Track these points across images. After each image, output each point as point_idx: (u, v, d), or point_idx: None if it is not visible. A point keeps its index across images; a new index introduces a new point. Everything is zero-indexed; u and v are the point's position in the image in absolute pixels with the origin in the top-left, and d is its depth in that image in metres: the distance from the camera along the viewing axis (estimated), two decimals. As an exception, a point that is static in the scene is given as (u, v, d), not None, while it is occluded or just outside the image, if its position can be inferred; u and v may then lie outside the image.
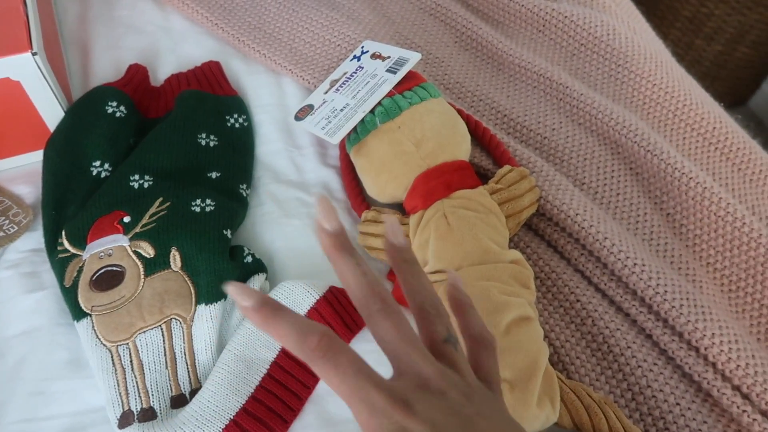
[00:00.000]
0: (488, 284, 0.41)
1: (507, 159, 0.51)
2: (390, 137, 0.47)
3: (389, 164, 0.47)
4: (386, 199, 0.49)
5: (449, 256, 0.43)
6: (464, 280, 0.41)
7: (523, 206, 0.46)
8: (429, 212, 0.45)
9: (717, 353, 0.43)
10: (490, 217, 0.44)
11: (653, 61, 0.60)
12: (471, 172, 0.47)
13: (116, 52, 0.62)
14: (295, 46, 0.61)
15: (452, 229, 0.43)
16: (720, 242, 0.50)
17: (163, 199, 0.47)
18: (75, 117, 0.51)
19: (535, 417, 0.38)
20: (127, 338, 0.42)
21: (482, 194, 0.46)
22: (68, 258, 0.45)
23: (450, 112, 0.49)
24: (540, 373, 0.38)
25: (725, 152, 0.57)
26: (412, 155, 0.46)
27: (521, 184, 0.47)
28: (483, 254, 0.43)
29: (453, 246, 0.43)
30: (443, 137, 0.47)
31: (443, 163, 0.46)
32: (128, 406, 0.40)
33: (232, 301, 0.45)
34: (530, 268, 0.44)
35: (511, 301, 0.41)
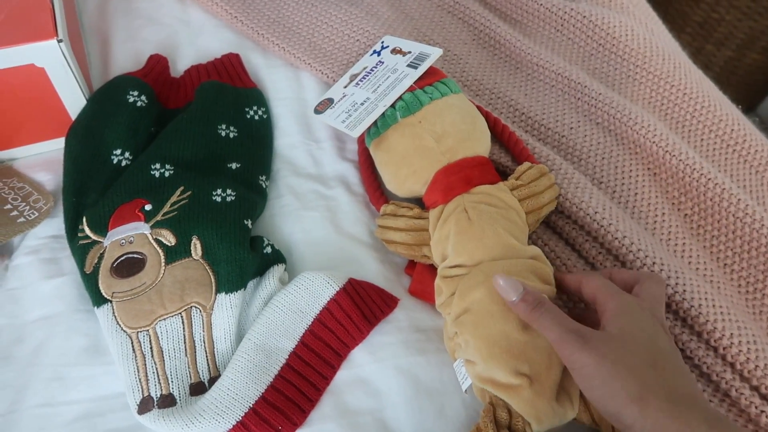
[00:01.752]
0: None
1: (526, 156, 0.51)
2: (410, 131, 0.47)
3: (409, 158, 0.47)
4: (405, 194, 0.49)
5: (470, 250, 0.43)
6: (486, 273, 0.41)
7: (543, 203, 0.46)
8: (449, 207, 0.45)
9: (736, 353, 0.43)
10: (510, 213, 0.44)
11: (671, 62, 0.60)
12: (491, 167, 0.47)
13: (135, 43, 0.62)
14: (314, 41, 0.61)
15: (473, 224, 0.43)
16: (738, 243, 0.50)
17: (184, 188, 0.47)
18: (96, 105, 0.51)
19: (554, 411, 0.38)
20: (147, 325, 0.42)
21: (502, 190, 0.46)
22: (89, 245, 0.45)
23: (470, 108, 0.49)
24: (558, 368, 0.38)
25: (743, 154, 0.57)
26: (432, 150, 0.46)
27: (541, 181, 0.47)
28: (503, 249, 0.43)
29: (474, 240, 0.43)
30: (463, 132, 0.47)
31: (463, 159, 0.46)
32: (148, 392, 0.40)
33: (251, 291, 0.45)
34: (550, 265, 0.44)
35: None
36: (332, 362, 0.43)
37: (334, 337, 0.43)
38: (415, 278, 0.47)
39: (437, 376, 0.43)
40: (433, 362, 0.44)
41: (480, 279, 0.41)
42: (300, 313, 0.44)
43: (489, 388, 0.39)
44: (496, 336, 0.39)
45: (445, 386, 0.43)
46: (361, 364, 0.43)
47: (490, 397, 0.39)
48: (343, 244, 0.50)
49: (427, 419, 0.41)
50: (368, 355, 0.44)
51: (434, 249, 0.45)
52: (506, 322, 0.39)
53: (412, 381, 0.43)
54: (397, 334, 0.45)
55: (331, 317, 0.43)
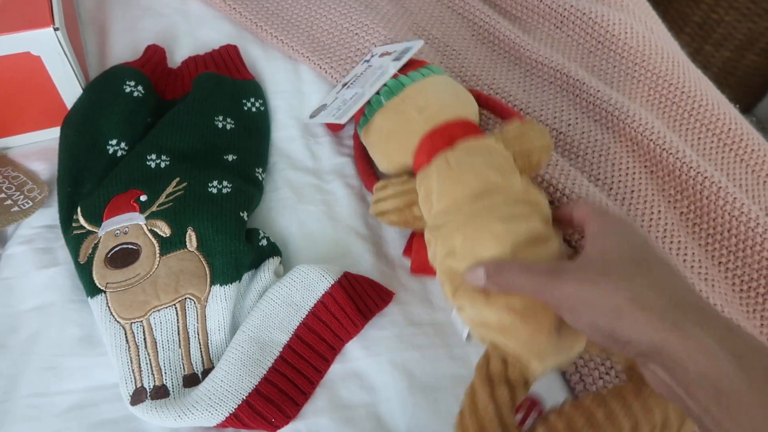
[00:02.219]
0: (488, 211, 0.39)
1: (516, 116, 0.50)
2: (394, 110, 0.47)
3: (395, 133, 0.47)
4: (396, 169, 0.48)
5: (451, 192, 0.41)
6: (466, 215, 0.39)
7: (533, 146, 0.44)
8: (432, 164, 0.44)
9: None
10: (494, 155, 0.42)
11: (670, 61, 0.60)
12: (475, 127, 0.46)
13: (133, 34, 0.62)
14: (313, 34, 0.61)
15: (452, 168, 0.42)
16: (733, 242, 0.51)
17: (180, 179, 0.47)
18: (93, 95, 0.51)
19: (557, 346, 0.34)
20: (141, 316, 0.42)
21: (486, 141, 0.44)
22: (83, 234, 0.45)
23: (453, 83, 0.49)
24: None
25: (740, 153, 0.57)
26: (415, 121, 0.46)
27: (529, 128, 0.44)
28: (485, 184, 0.40)
29: (454, 182, 0.41)
30: (445, 99, 0.47)
31: (445, 121, 0.45)
32: (141, 383, 0.40)
33: (246, 283, 0.45)
34: (545, 199, 0.41)
35: (510, 227, 0.37)
36: (326, 355, 0.42)
37: (328, 330, 0.43)
38: (414, 257, 0.47)
39: (431, 371, 0.43)
40: (427, 357, 0.44)
41: (460, 222, 0.39)
42: (295, 306, 0.44)
43: (484, 332, 0.36)
44: None
45: (439, 381, 0.43)
46: (356, 358, 0.43)
47: (488, 345, 0.36)
48: (339, 237, 0.50)
49: (420, 414, 0.41)
50: (363, 349, 0.44)
51: (423, 206, 0.44)
52: None
53: (407, 375, 0.43)
54: (392, 328, 0.45)
55: (326, 310, 0.43)
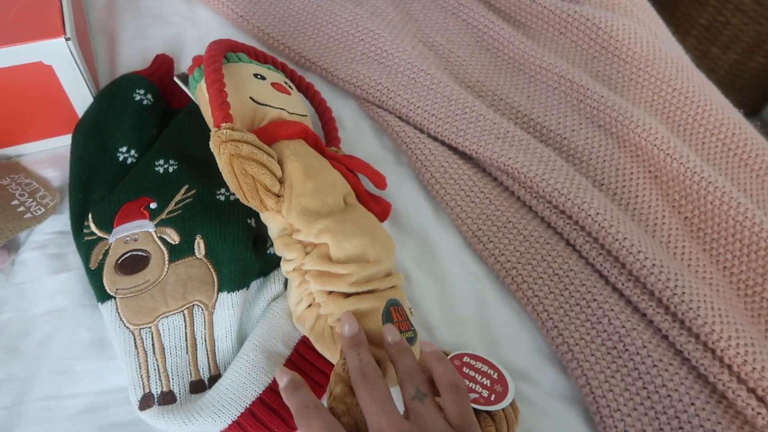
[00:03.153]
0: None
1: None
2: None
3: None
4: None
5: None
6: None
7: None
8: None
9: (733, 355, 0.43)
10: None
11: (674, 66, 0.60)
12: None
13: (142, 41, 0.63)
14: (319, 40, 0.62)
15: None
16: (737, 247, 0.51)
17: (188, 186, 0.47)
18: (103, 103, 0.52)
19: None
20: (149, 322, 0.43)
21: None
22: (94, 241, 0.45)
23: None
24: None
25: (744, 158, 0.57)
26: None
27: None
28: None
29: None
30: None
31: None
32: (149, 389, 0.41)
33: (254, 291, 0.46)
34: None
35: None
36: (326, 370, 0.43)
37: None
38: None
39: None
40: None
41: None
42: None
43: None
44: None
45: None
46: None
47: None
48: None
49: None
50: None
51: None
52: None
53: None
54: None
55: None
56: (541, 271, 0.48)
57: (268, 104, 0.46)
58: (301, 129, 0.46)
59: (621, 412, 0.42)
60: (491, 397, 0.41)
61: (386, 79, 0.58)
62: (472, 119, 0.55)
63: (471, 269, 0.51)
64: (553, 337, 0.46)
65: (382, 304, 0.40)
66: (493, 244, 0.50)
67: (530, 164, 0.51)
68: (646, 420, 0.42)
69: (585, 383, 0.44)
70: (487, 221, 0.51)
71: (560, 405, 0.44)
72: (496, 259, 0.49)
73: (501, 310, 0.49)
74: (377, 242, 0.42)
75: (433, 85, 0.57)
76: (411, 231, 0.53)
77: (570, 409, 0.44)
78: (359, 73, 0.58)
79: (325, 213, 0.42)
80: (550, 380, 0.46)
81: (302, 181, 0.42)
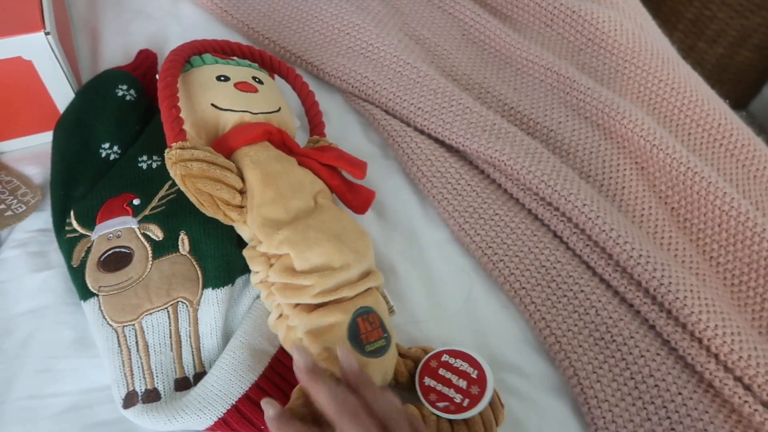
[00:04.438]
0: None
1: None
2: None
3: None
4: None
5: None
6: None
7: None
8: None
9: (720, 344, 0.43)
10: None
11: (660, 58, 0.60)
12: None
13: (125, 37, 0.62)
14: (305, 35, 0.61)
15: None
16: (724, 236, 0.51)
17: (172, 182, 0.47)
18: (85, 99, 0.51)
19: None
20: (133, 319, 0.42)
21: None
22: (76, 238, 0.45)
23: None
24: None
25: (730, 149, 0.57)
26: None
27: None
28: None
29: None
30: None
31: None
32: (133, 387, 0.40)
33: (239, 287, 0.45)
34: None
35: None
36: None
37: None
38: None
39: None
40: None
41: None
42: None
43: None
44: None
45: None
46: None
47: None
48: (332, 237, 0.50)
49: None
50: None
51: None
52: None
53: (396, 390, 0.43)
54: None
55: None
56: (528, 263, 0.48)
57: (230, 108, 0.45)
58: (263, 131, 0.45)
59: (609, 402, 0.42)
60: (464, 402, 0.39)
61: (372, 73, 0.58)
62: (459, 112, 0.55)
63: (458, 262, 0.51)
64: (540, 328, 0.46)
65: (347, 316, 0.40)
66: (480, 237, 0.49)
67: (517, 156, 0.51)
68: (634, 410, 0.42)
69: (573, 374, 0.44)
70: (474, 214, 0.50)
71: (548, 396, 0.44)
72: (483, 252, 0.49)
73: (488, 303, 0.49)
74: (345, 246, 0.42)
75: (419, 78, 0.57)
76: (398, 225, 0.52)
77: (558, 400, 0.44)
78: (345, 66, 0.58)
79: (288, 219, 0.42)
80: (538, 372, 0.46)
81: (262, 189, 0.42)
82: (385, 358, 0.40)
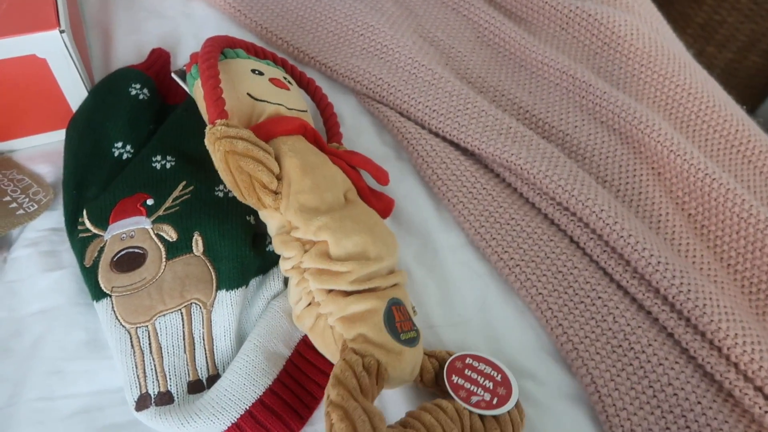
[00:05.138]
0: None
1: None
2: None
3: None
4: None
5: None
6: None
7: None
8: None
9: (740, 353, 0.43)
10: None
11: (677, 62, 0.60)
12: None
13: (137, 36, 0.62)
14: (318, 35, 0.61)
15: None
16: (742, 244, 0.50)
17: (186, 182, 0.46)
18: (98, 98, 0.51)
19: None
20: (146, 320, 0.42)
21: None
22: (89, 238, 0.44)
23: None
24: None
25: (747, 155, 0.56)
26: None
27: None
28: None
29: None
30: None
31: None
32: (146, 389, 0.40)
33: (253, 289, 0.45)
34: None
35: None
36: (328, 371, 0.42)
37: None
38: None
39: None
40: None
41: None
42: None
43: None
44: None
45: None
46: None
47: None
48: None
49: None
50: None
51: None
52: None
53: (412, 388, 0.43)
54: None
55: None
56: (544, 268, 0.48)
57: (265, 100, 0.45)
58: (299, 124, 0.45)
59: (627, 411, 0.42)
60: (493, 401, 0.40)
61: (386, 75, 0.57)
62: (474, 115, 0.54)
63: (474, 267, 0.50)
64: (557, 335, 0.45)
65: (383, 303, 0.39)
66: (495, 241, 0.49)
67: (533, 161, 0.50)
68: (652, 419, 0.42)
69: (590, 382, 0.43)
70: (490, 218, 0.50)
71: (565, 404, 0.44)
72: (499, 257, 0.48)
73: (504, 309, 0.48)
74: (378, 239, 0.41)
75: (434, 80, 0.57)
76: (412, 228, 0.52)
77: (575, 408, 0.44)
78: (359, 68, 0.58)
79: (324, 210, 0.41)
80: (555, 379, 0.45)
81: (300, 177, 0.41)
82: (417, 349, 0.40)
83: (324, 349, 0.40)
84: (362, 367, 0.36)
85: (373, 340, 0.37)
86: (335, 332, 0.39)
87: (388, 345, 0.38)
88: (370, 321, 0.38)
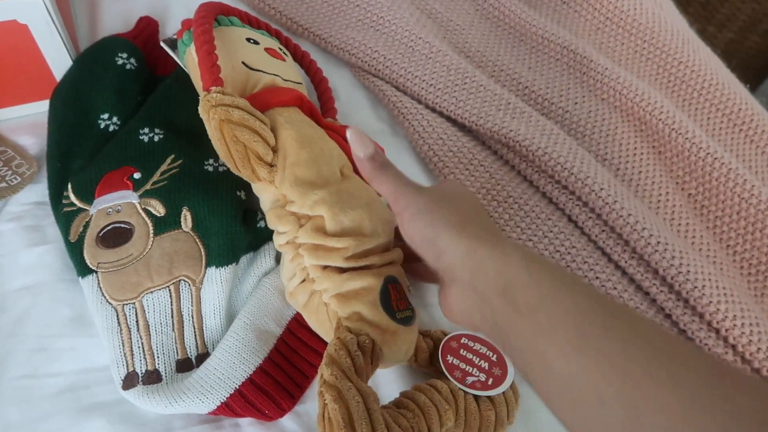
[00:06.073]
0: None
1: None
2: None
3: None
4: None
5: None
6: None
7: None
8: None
9: (738, 335, 0.42)
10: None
11: (680, 38, 0.58)
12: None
13: (125, 4, 0.60)
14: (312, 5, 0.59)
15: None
16: (742, 224, 0.50)
17: (174, 156, 0.45)
18: (83, 67, 0.49)
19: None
20: (133, 297, 0.41)
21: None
22: (74, 212, 0.43)
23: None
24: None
25: (750, 134, 0.55)
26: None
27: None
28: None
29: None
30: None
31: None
32: (133, 368, 0.39)
33: (243, 266, 0.44)
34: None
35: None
36: (320, 350, 0.41)
37: None
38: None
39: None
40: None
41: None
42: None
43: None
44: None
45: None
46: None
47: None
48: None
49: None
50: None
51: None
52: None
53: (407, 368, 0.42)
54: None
55: None
56: (542, 248, 0.47)
57: (261, 70, 0.44)
58: (295, 96, 0.43)
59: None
60: (489, 381, 0.39)
61: (383, 47, 0.55)
62: (472, 90, 0.53)
63: (469, 246, 0.49)
64: (553, 315, 0.45)
65: (379, 281, 0.38)
66: (493, 219, 0.48)
67: (532, 137, 0.49)
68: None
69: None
70: (487, 196, 0.49)
71: (560, 385, 0.43)
72: (495, 236, 0.48)
73: (500, 288, 0.47)
74: (375, 215, 0.40)
75: (431, 53, 0.55)
76: (407, 206, 0.51)
77: (570, 390, 0.43)
78: (354, 40, 0.56)
79: (320, 184, 0.40)
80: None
81: (296, 149, 0.40)
82: (412, 328, 0.39)
83: (317, 326, 0.40)
84: (357, 346, 0.35)
85: (368, 318, 0.36)
86: (330, 309, 0.38)
87: (384, 323, 0.37)
88: (365, 299, 0.37)
